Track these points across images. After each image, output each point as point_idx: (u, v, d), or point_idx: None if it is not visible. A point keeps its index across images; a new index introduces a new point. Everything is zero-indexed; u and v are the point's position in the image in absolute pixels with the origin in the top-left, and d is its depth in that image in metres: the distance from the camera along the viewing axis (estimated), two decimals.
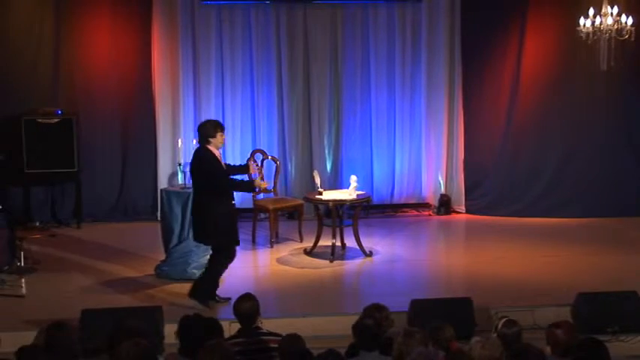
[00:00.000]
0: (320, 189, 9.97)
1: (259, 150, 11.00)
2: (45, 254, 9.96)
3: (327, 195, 9.93)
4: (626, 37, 9.51)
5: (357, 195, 9.90)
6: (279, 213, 10.73)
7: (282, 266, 9.63)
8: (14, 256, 9.32)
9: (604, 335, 7.03)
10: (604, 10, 9.48)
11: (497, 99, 11.98)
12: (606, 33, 9.47)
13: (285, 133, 11.85)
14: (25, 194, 11.53)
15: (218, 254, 8.26)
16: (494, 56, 11.90)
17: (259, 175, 9.39)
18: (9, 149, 11.03)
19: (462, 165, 12.11)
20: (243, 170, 8.74)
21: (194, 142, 10.69)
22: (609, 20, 9.42)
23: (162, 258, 9.19)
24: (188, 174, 10.36)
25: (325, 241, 9.93)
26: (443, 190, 12.12)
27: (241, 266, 9.13)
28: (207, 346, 5.20)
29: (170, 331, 6.13)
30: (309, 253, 10.02)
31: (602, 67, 9.62)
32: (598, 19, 9.48)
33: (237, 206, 8.54)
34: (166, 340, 6.99)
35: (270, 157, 10.96)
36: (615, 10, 9.49)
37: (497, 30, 11.82)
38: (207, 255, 9.07)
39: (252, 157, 10.53)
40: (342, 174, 11.83)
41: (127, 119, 11.75)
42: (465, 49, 11.87)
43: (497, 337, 5.69)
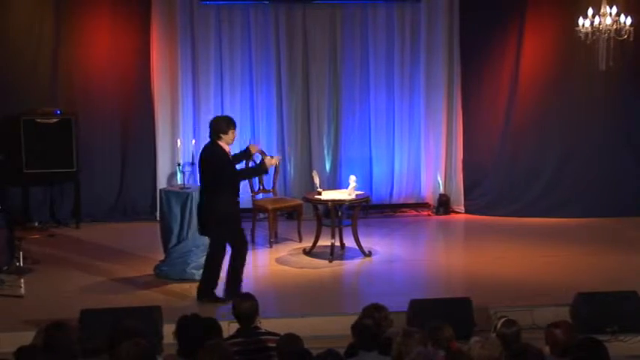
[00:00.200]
0: (319, 189, 9.97)
1: (250, 156, 10.95)
2: (44, 254, 9.95)
3: (326, 195, 9.93)
4: (625, 37, 9.51)
5: (356, 195, 9.90)
6: (278, 213, 10.73)
7: (281, 266, 9.63)
8: (13, 257, 9.31)
9: (603, 335, 7.02)
10: (603, 10, 9.48)
11: (496, 99, 11.98)
12: (605, 33, 9.46)
13: (284, 133, 11.85)
14: (24, 194, 11.52)
15: (215, 247, 8.32)
16: (493, 56, 11.89)
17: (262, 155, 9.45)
18: (8, 149, 11.02)
19: (460, 165, 12.11)
20: (245, 155, 8.96)
21: (193, 142, 10.78)
22: (608, 20, 9.42)
23: (162, 258, 9.19)
24: (187, 174, 10.43)
25: (324, 241, 9.94)
26: (442, 190, 12.12)
27: None
28: (206, 346, 5.20)
29: (169, 331, 6.12)
30: (308, 253, 10.02)
31: (600, 67, 9.62)
32: (597, 19, 9.48)
33: None
34: (165, 340, 6.99)
35: (269, 157, 10.93)
36: (614, 10, 9.48)
37: (496, 30, 11.82)
38: (205, 255, 9.09)
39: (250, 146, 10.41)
40: (341, 174, 11.82)
41: (126, 119, 11.74)
42: (464, 49, 11.87)
43: (496, 337, 5.70)
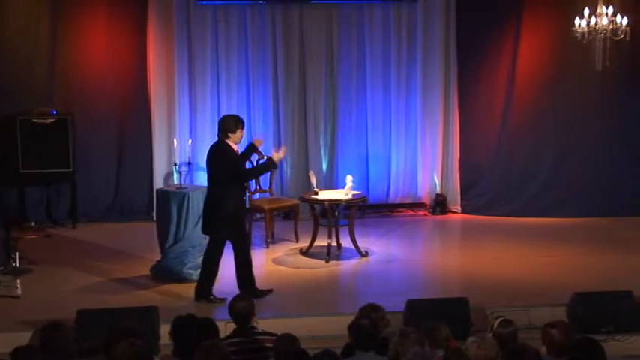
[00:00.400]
0: (316, 189, 9.97)
1: (256, 150, 10.98)
2: (40, 254, 9.93)
3: (323, 195, 9.93)
4: (621, 37, 9.52)
5: (353, 195, 9.90)
6: (274, 213, 10.72)
7: (277, 266, 9.63)
8: (9, 257, 9.29)
9: (599, 335, 7.04)
10: (599, 11, 9.49)
11: (492, 99, 11.98)
12: (601, 33, 9.48)
13: (281, 133, 11.84)
14: (21, 194, 11.51)
15: (237, 246, 8.37)
16: (489, 56, 11.90)
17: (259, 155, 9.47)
18: (4, 149, 11.01)
19: (457, 165, 12.12)
20: (251, 151, 9.06)
21: (189, 142, 10.78)
22: (604, 20, 9.43)
23: (158, 258, 9.17)
24: (184, 174, 10.41)
25: (321, 241, 9.93)
26: (438, 190, 12.13)
27: None
28: (202, 347, 5.21)
29: (166, 332, 6.12)
30: (304, 253, 10.02)
31: (597, 67, 9.63)
32: (593, 19, 9.49)
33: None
34: (162, 341, 6.99)
35: (266, 157, 10.93)
36: (610, 11, 9.50)
37: (493, 30, 11.82)
38: (202, 255, 9.08)
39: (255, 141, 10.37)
40: (338, 174, 11.82)
41: (123, 119, 11.73)
42: (461, 49, 11.88)
43: (492, 337, 5.71)
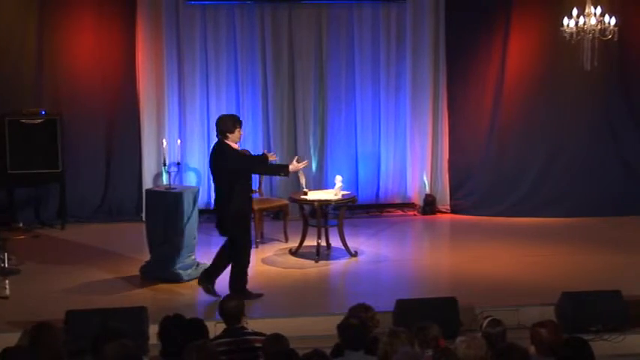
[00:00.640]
0: (305, 189, 9.97)
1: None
2: (29, 255, 9.91)
3: (312, 195, 9.93)
4: (610, 37, 9.55)
5: (342, 195, 9.90)
6: (264, 213, 10.72)
7: (267, 266, 9.62)
8: None
9: (588, 334, 7.06)
10: (587, 11, 9.52)
11: (481, 99, 12.00)
12: (590, 33, 9.50)
13: (270, 133, 11.84)
14: (9, 195, 11.46)
15: (237, 245, 8.40)
16: (478, 56, 11.92)
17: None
18: None
19: (446, 165, 12.13)
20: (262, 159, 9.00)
21: (178, 142, 10.77)
22: (593, 20, 9.46)
23: (147, 258, 9.16)
24: (173, 174, 10.40)
25: (310, 242, 9.93)
26: (428, 190, 12.13)
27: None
28: (191, 347, 5.20)
29: (155, 332, 6.10)
30: (294, 253, 10.01)
31: (585, 67, 9.64)
32: (581, 19, 9.51)
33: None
34: (151, 341, 6.97)
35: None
36: (599, 11, 9.52)
37: (482, 30, 11.84)
38: (192, 255, 9.09)
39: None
40: (327, 174, 11.82)
41: (112, 120, 11.71)
42: (450, 49, 11.89)
43: (482, 337, 5.72)
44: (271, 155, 9.06)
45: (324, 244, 9.95)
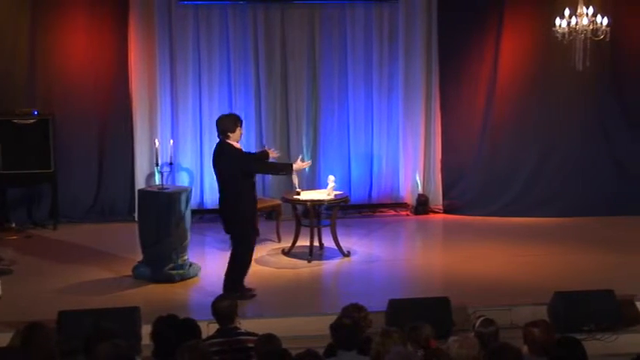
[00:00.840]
0: (298, 189, 9.97)
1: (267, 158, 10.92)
2: (21, 255, 9.89)
3: (305, 195, 9.93)
4: (602, 37, 9.57)
5: (335, 195, 9.90)
6: (257, 213, 10.69)
7: (260, 266, 9.59)
8: None
9: (580, 334, 7.08)
10: (579, 11, 9.54)
11: (474, 99, 12.01)
12: (582, 33, 9.52)
13: (263, 133, 11.83)
14: (1, 195, 11.42)
15: (241, 244, 8.41)
16: (471, 56, 11.93)
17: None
18: None
19: (439, 165, 12.14)
20: (264, 157, 9.03)
21: (171, 142, 10.75)
22: (585, 21, 9.47)
23: (140, 259, 9.15)
24: (165, 174, 10.38)
25: (303, 242, 9.94)
26: (420, 190, 12.14)
27: (219, 266, 9.09)
28: (184, 347, 5.20)
29: (147, 332, 6.09)
30: (287, 253, 10.01)
31: (577, 67, 9.66)
32: (574, 19, 9.53)
33: (211, 207, 8.58)
34: (143, 342, 6.95)
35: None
36: (591, 11, 9.54)
37: (474, 30, 11.85)
38: (184, 256, 9.08)
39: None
40: (320, 174, 11.81)
41: (104, 119, 11.69)
42: (442, 48, 11.89)
43: (474, 337, 5.72)
44: (271, 151, 9.10)
45: (316, 244, 9.94)
